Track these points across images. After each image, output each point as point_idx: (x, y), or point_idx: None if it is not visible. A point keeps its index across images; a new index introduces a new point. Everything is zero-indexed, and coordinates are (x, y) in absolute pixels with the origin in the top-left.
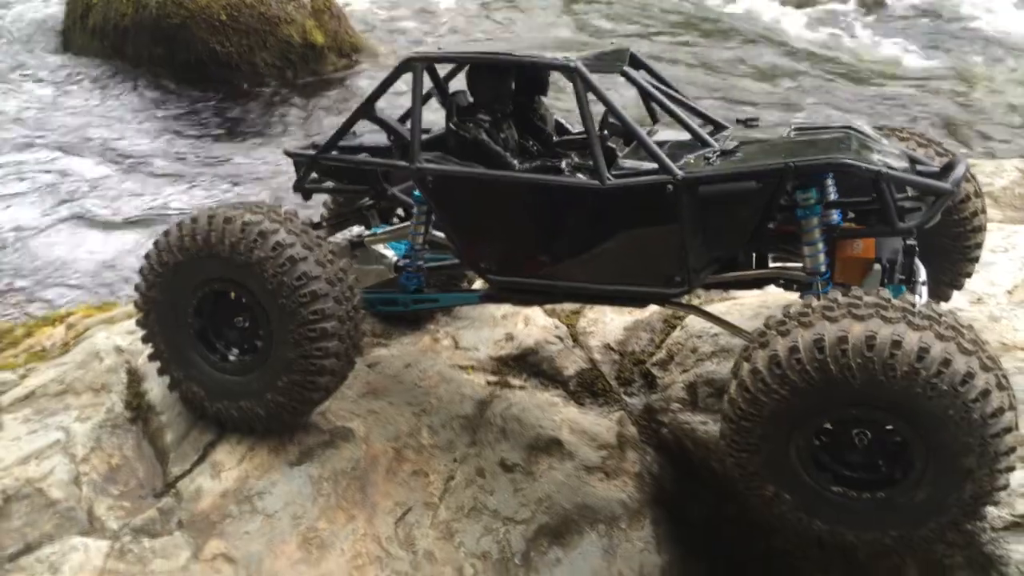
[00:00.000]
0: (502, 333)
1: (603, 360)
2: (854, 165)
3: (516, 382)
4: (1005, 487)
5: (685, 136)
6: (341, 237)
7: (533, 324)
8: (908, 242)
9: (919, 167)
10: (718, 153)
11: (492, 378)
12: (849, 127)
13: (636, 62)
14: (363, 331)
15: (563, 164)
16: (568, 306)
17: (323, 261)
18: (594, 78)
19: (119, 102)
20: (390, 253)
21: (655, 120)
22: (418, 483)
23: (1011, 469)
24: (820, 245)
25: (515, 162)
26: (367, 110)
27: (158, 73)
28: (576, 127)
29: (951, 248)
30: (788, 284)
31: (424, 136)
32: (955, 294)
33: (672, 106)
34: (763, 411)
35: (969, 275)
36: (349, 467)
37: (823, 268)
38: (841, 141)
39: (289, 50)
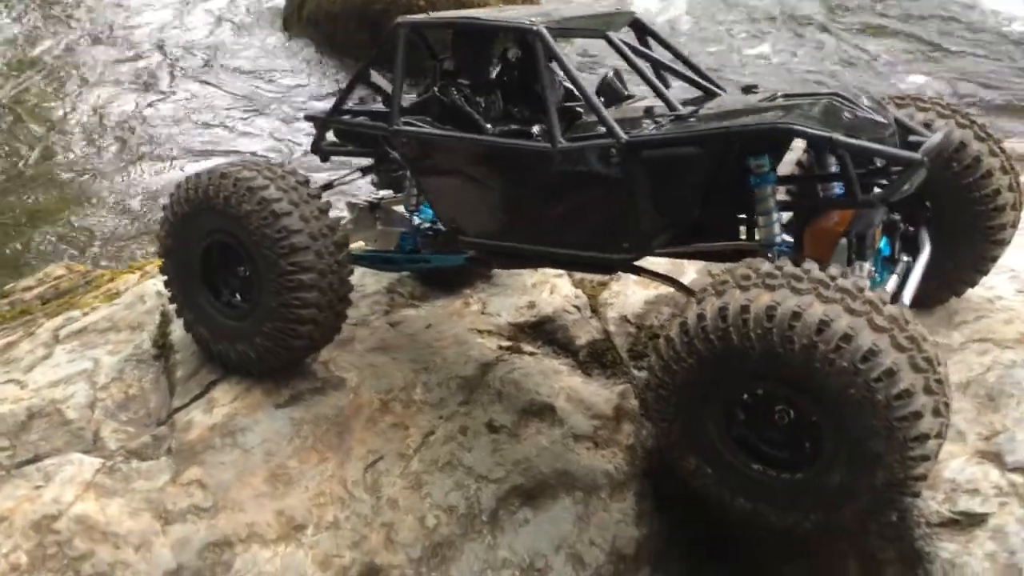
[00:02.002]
0: (526, 301)
1: (618, 332)
2: (799, 131)
3: (528, 348)
4: (923, 478)
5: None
6: (363, 199)
7: (557, 293)
8: (891, 216)
9: (912, 138)
10: (672, 118)
11: (505, 343)
12: (836, 93)
13: (641, 27)
14: (350, 285)
15: (535, 129)
16: (595, 277)
17: (307, 217)
18: (555, 43)
19: (328, 80)
20: (416, 217)
21: (667, 85)
22: (396, 435)
23: (927, 459)
24: (775, 215)
25: (488, 127)
26: (364, 75)
27: (360, 57)
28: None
29: (972, 228)
30: None
31: (416, 100)
32: (997, 280)
33: (649, 74)
34: (675, 380)
35: (995, 259)
36: (332, 413)
37: (778, 239)
38: (809, 107)
39: None
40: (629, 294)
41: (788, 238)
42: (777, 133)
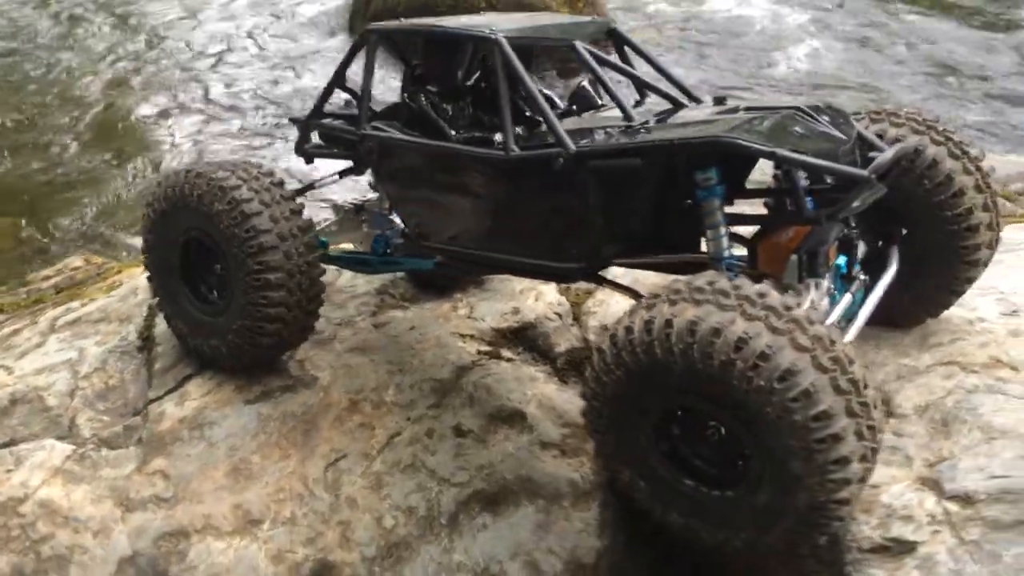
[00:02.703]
0: (511, 306)
1: (598, 340)
2: (739, 144)
3: (507, 354)
4: (847, 502)
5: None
6: (348, 202)
7: (542, 300)
8: (848, 233)
9: (872, 154)
10: (622, 129)
11: (485, 348)
12: (797, 107)
13: (619, 38)
14: (321, 286)
15: (497, 137)
16: (581, 285)
17: (277, 217)
18: (513, 53)
19: (389, 79)
20: (396, 218)
21: (643, 96)
22: (362, 434)
23: (848, 482)
24: (722, 229)
25: (451, 133)
26: (338, 80)
27: None
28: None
29: (945, 248)
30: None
31: (388, 106)
32: (982, 302)
33: (611, 86)
34: (607, 392)
35: (971, 280)
36: (300, 411)
37: (726, 253)
38: (760, 121)
39: None
40: (612, 303)
41: (741, 252)
42: (717, 146)
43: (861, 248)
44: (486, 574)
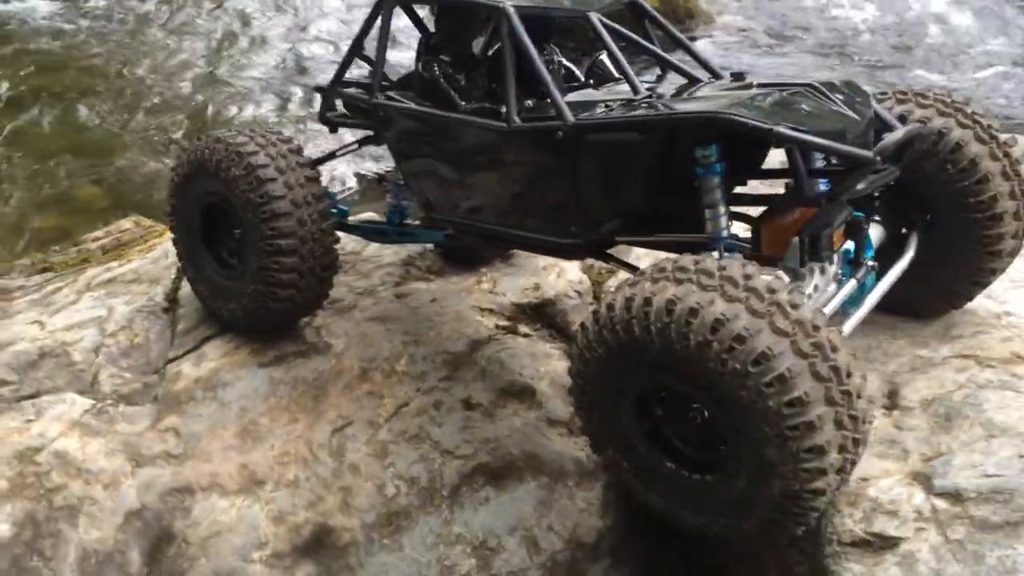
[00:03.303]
0: (533, 282)
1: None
2: (737, 121)
3: (524, 330)
4: (822, 492)
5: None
6: (374, 172)
7: (564, 277)
8: (856, 217)
9: (886, 135)
10: (624, 102)
11: (504, 323)
12: (810, 84)
13: (640, 11)
14: (334, 253)
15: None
16: (604, 264)
17: (292, 184)
18: (519, 23)
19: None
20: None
21: (664, 69)
22: (370, 403)
23: (823, 472)
24: (721, 208)
25: (462, 104)
26: (356, 48)
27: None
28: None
29: (967, 236)
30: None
31: (403, 75)
32: (1015, 295)
33: (621, 58)
34: (589, 369)
35: (994, 271)
36: (311, 376)
37: (724, 233)
38: (763, 97)
39: (619, 15)
40: None
41: (744, 232)
42: (712, 122)
43: (878, 233)
44: (484, 547)
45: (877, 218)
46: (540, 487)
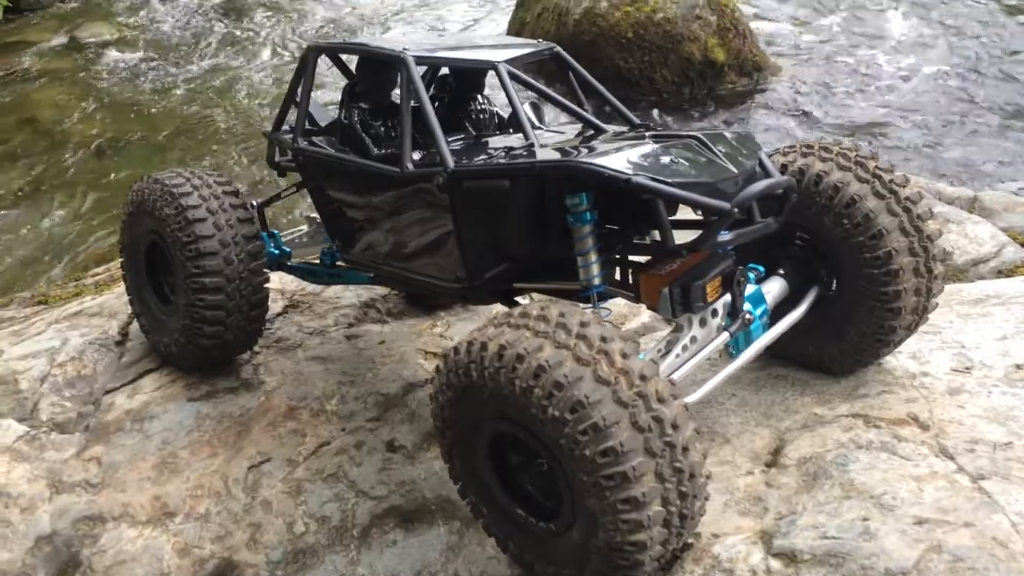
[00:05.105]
0: None
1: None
2: (595, 171)
3: None
4: (643, 545)
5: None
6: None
7: None
8: (731, 269)
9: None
10: (507, 150)
11: None
12: (695, 136)
13: (562, 62)
14: (263, 294)
15: (415, 155)
16: None
17: (221, 224)
18: (417, 72)
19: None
20: None
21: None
22: (292, 440)
23: (642, 526)
24: (592, 256)
25: (374, 150)
26: (290, 96)
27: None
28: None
29: (867, 294)
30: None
31: (331, 122)
32: (940, 357)
33: (518, 107)
34: (444, 413)
35: (895, 329)
36: (238, 412)
37: (596, 281)
38: (631, 148)
39: (688, 67)
40: None
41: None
42: (568, 170)
43: (779, 287)
44: None
45: (781, 272)
46: (451, 532)
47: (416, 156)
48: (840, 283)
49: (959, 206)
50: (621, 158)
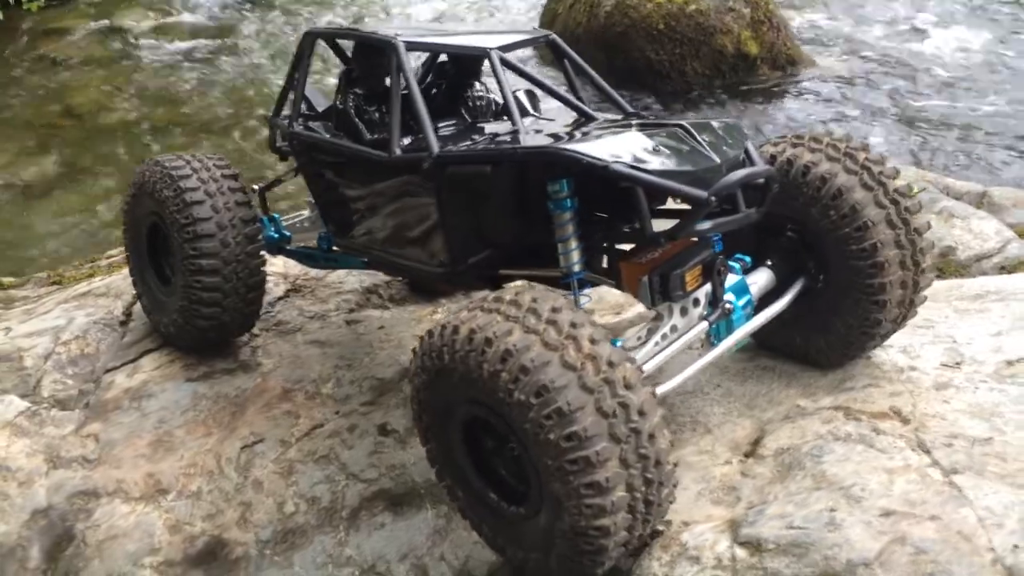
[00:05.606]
0: None
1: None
2: (571, 157)
3: None
4: (607, 531)
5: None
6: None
7: None
8: (711, 258)
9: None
10: (492, 136)
11: None
12: (680, 124)
13: (558, 49)
14: (260, 277)
15: (405, 140)
16: None
17: (219, 207)
18: (407, 57)
19: None
20: None
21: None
22: (286, 422)
23: (605, 511)
24: (572, 243)
25: (367, 135)
26: (290, 81)
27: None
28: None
29: (853, 286)
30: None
31: (328, 107)
32: (931, 351)
33: (508, 95)
34: (420, 396)
35: (879, 321)
36: (234, 393)
37: (576, 268)
38: (615, 133)
39: (721, 60)
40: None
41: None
42: (547, 156)
43: (767, 278)
44: (372, 571)
45: (769, 263)
46: (438, 516)
47: (406, 141)
48: (827, 275)
49: (968, 201)
50: (602, 145)
